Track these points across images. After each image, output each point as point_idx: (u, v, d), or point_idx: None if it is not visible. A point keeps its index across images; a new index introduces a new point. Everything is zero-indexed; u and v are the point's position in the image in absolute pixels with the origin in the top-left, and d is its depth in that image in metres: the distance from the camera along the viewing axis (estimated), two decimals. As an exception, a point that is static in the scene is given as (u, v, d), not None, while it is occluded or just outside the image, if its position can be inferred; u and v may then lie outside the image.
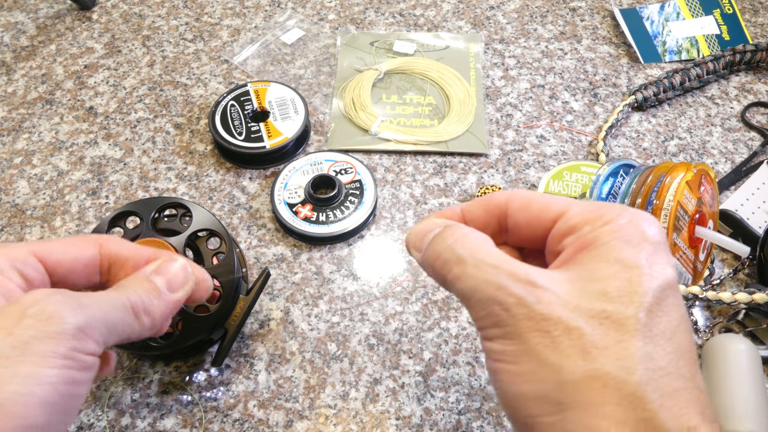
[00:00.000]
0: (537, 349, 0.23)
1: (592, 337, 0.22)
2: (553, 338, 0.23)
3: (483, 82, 0.67)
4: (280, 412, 0.45)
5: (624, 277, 0.23)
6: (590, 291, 0.23)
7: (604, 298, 0.23)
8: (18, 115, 0.65)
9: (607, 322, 0.23)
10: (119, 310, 0.27)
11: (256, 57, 0.70)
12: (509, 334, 0.24)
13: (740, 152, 0.61)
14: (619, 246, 0.24)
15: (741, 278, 0.52)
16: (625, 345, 0.22)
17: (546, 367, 0.23)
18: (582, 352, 0.22)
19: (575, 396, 0.22)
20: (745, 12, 0.75)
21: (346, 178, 0.57)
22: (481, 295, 0.25)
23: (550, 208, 0.27)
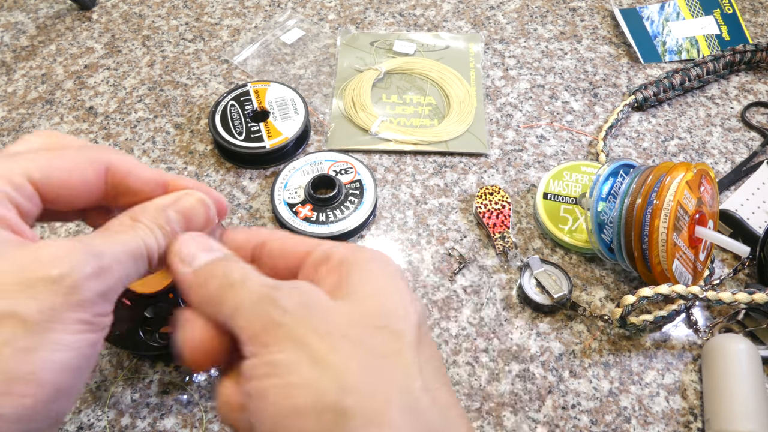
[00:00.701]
0: (317, 354, 0.21)
1: (371, 344, 0.22)
2: (333, 343, 0.21)
3: (483, 82, 0.67)
4: (280, 412, 0.45)
5: (392, 296, 0.24)
6: (367, 304, 0.23)
7: (381, 309, 0.23)
8: (18, 115, 0.65)
9: (386, 332, 0.22)
10: (136, 260, 0.25)
11: (256, 57, 0.70)
12: (282, 338, 0.22)
13: (740, 152, 0.61)
14: (377, 271, 0.24)
15: (741, 278, 0.52)
16: (404, 353, 0.22)
17: (328, 373, 0.21)
18: (362, 358, 0.21)
19: (360, 402, 0.21)
20: (745, 12, 0.75)
21: (346, 178, 0.57)
22: (252, 301, 0.23)
23: (304, 243, 0.26)
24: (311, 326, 0.22)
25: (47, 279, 0.21)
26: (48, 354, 0.21)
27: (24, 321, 0.21)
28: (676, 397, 0.46)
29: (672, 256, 0.46)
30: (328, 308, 0.23)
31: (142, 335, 0.43)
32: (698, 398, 0.46)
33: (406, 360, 0.22)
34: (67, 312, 0.22)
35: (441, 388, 0.23)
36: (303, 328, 0.22)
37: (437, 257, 0.54)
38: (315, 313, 0.22)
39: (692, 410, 0.46)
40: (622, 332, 0.49)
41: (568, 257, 0.54)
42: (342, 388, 0.21)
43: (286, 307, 0.22)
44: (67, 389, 0.22)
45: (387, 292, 0.24)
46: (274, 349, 0.22)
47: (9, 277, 0.21)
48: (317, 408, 0.20)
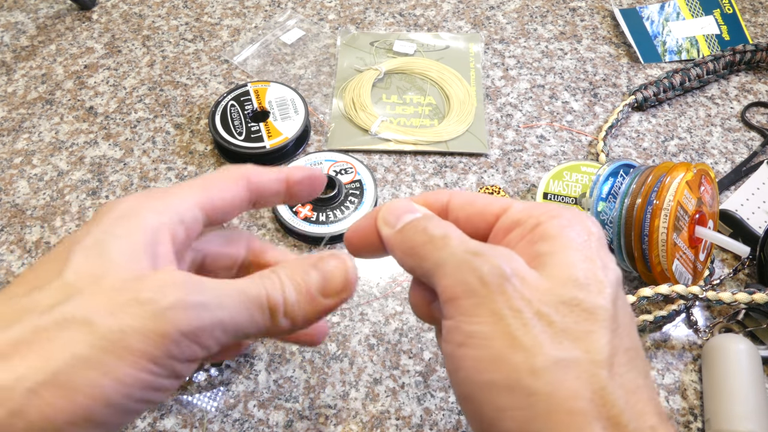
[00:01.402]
0: (510, 330, 0.21)
1: (562, 324, 0.21)
2: (526, 322, 0.21)
3: (483, 82, 0.67)
4: (280, 412, 0.45)
5: (586, 266, 0.22)
6: (559, 276, 0.22)
7: (574, 284, 0.22)
8: (18, 115, 0.65)
9: (578, 309, 0.22)
10: (250, 308, 0.23)
11: (256, 57, 0.70)
12: (479, 308, 0.22)
13: (740, 152, 0.61)
14: (572, 238, 0.23)
15: (741, 278, 0.52)
16: (595, 336, 0.21)
17: (519, 352, 0.21)
18: (553, 340, 0.21)
19: (547, 387, 0.21)
20: (745, 12, 0.75)
21: (346, 178, 0.57)
22: (455, 262, 0.23)
23: (493, 204, 0.26)
24: (508, 300, 0.22)
25: (134, 300, 0.20)
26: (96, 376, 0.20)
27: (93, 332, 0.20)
28: (676, 397, 0.46)
29: (672, 256, 0.46)
30: (525, 281, 0.22)
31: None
32: (698, 398, 0.46)
33: (596, 344, 0.21)
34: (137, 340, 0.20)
35: (630, 371, 0.22)
36: (500, 302, 0.22)
37: (437, 257, 0.53)
38: (512, 286, 0.22)
39: (692, 410, 0.46)
40: (622, 332, 0.49)
41: (568, 257, 0.54)
42: (532, 370, 0.21)
43: (485, 277, 0.22)
44: (97, 421, 0.20)
45: (582, 264, 0.23)
46: (471, 320, 0.22)
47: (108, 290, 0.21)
48: (509, 385, 0.21)
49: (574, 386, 0.21)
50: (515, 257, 0.23)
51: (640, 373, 0.22)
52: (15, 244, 0.55)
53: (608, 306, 0.22)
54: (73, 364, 0.19)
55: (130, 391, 0.20)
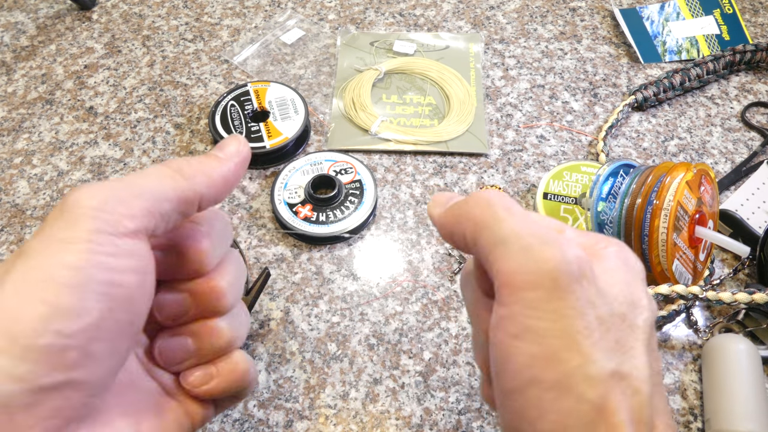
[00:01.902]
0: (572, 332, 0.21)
1: (616, 335, 0.21)
2: (587, 323, 0.21)
3: (483, 82, 0.67)
4: (280, 412, 0.45)
5: (632, 290, 0.23)
6: (611, 291, 0.22)
7: (624, 300, 0.22)
8: (18, 115, 0.65)
9: (625, 325, 0.22)
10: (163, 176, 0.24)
11: (256, 57, 0.70)
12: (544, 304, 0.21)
13: (740, 152, 0.61)
14: (621, 264, 0.24)
15: (741, 278, 0.52)
16: (638, 353, 0.22)
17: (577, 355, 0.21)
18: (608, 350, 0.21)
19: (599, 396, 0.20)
20: (745, 12, 0.75)
21: (346, 178, 0.57)
22: (521, 243, 0.22)
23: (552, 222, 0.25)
24: (577, 300, 0.21)
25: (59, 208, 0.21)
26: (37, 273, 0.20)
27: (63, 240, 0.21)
28: (676, 397, 0.46)
29: (672, 256, 0.46)
30: (591, 286, 0.22)
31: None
32: (698, 398, 0.46)
33: (640, 361, 0.22)
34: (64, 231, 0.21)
35: (657, 394, 0.23)
36: (568, 300, 0.21)
37: (437, 257, 0.54)
38: (581, 286, 0.21)
39: (692, 410, 0.46)
40: (622, 332, 0.49)
41: (568, 257, 0.54)
42: (587, 377, 0.20)
43: (555, 272, 0.21)
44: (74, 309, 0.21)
45: (629, 286, 0.23)
46: (532, 314, 0.21)
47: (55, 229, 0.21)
48: (560, 387, 0.21)
49: (620, 400, 0.21)
50: (584, 254, 0.22)
51: (662, 398, 0.23)
52: (15, 244, 0.55)
53: (647, 328, 0.23)
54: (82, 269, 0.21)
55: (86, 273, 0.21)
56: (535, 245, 0.21)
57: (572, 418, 0.20)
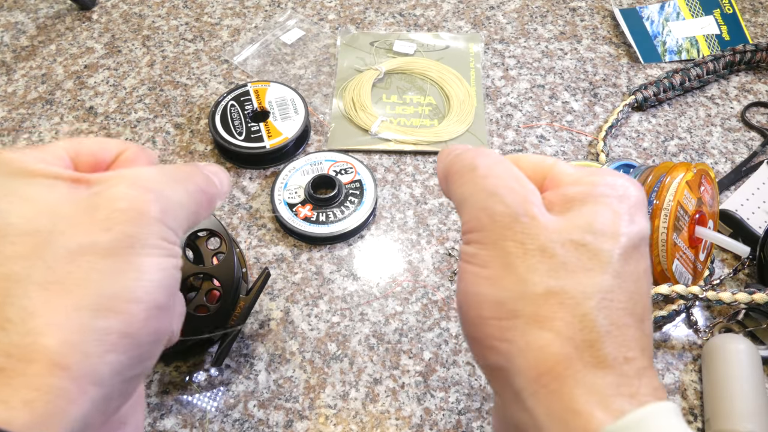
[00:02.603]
0: (509, 259, 0.24)
1: (563, 258, 0.23)
2: (526, 251, 0.24)
3: (483, 82, 0.67)
4: (280, 412, 0.45)
5: (609, 218, 0.24)
6: (576, 223, 0.24)
7: (587, 230, 0.24)
8: (18, 115, 0.65)
9: (583, 249, 0.24)
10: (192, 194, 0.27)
11: (256, 57, 0.70)
12: (486, 239, 0.25)
13: (740, 152, 0.61)
14: (606, 194, 0.25)
15: (741, 278, 0.52)
16: (592, 274, 0.23)
17: (512, 277, 0.24)
18: (549, 271, 0.23)
19: (531, 308, 0.23)
20: (745, 12, 0.75)
21: (346, 178, 0.57)
22: (474, 201, 0.26)
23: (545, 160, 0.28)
24: (513, 235, 0.24)
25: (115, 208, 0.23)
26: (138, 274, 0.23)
27: (104, 250, 0.22)
28: (676, 397, 0.46)
29: (672, 256, 0.46)
30: (535, 221, 0.24)
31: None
32: (698, 398, 0.46)
33: (591, 280, 0.23)
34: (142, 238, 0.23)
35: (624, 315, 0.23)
36: (506, 236, 0.24)
37: (437, 257, 0.54)
38: (520, 224, 0.24)
39: (692, 410, 0.46)
40: (622, 332, 0.49)
41: (568, 257, 0.54)
42: (522, 295, 0.23)
43: (495, 216, 0.25)
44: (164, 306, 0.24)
45: (605, 215, 0.24)
46: (478, 246, 0.25)
47: (80, 217, 0.23)
48: (496, 301, 0.24)
49: (555, 310, 0.23)
50: (531, 200, 0.25)
51: (633, 315, 0.24)
52: (15, 244, 0.55)
53: (616, 254, 0.24)
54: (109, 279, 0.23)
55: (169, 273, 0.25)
56: (483, 197, 0.26)
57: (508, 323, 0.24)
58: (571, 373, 0.22)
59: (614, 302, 0.23)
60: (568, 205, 0.25)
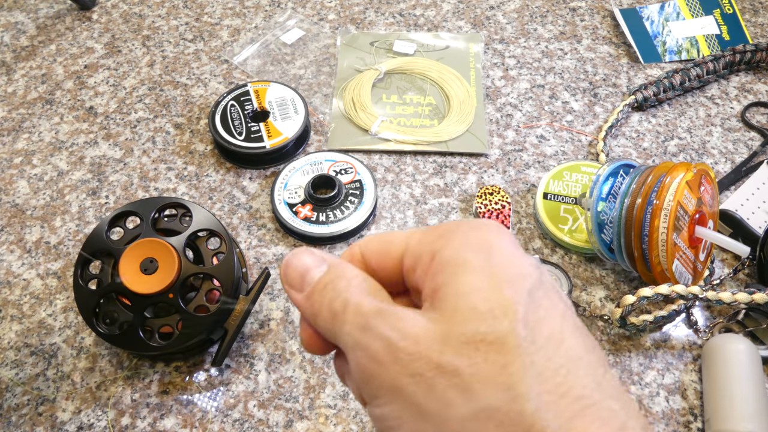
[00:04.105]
0: (414, 400, 0.19)
1: (470, 369, 0.19)
2: (428, 382, 0.19)
3: (483, 82, 0.67)
4: (280, 412, 0.45)
5: (485, 287, 0.20)
6: (457, 314, 0.20)
7: (473, 316, 0.19)
8: (18, 115, 0.65)
9: (483, 345, 0.19)
10: None
11: (256, 57, 0.70)
12: (383, 389, 0.20)
13: (740, 152, 0.61)
14: (468, 258, 0.21)
15: (741, 278, 0.52)
16: (510, 370, 0.18)
17: (429, 421, 0.19)
18: (463, 392, 0.19)
19: None
20: (745, 12, 0.75)
21: (346, 178, 0.57)
22: (352, 341, 0.21)
23: (394, 242, 0.23)
24: (404, 368, 0.19)
25: None
26: None
27: None
28: (676, 397, 0.46)
29: (672, 256, 0.46)
30: (418, 339, 0.20)
31: (142, 335, 0.43)
32: (698, 398, 0.46)
33: (514, 377, 0.18)
34: None
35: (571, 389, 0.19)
36: (396, 374, 0.19)
37: (437, 257, 0.53)
38: (404, 351, 0.20)
39: (692, 410, 0.46)
40: (622, 332, 0.49)
41: (568, 257, 0.54)
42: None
43: (376, 355, 0.20)
44: None
45: (479, 286, 0.20)
46: (379, 403, 0.20)
47: None
48: None
49: None
50: (402, 316, 0.20)
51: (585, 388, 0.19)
52: (15, 244, 0.55)
53: (518, 329, 0.19)
54: None
55: None
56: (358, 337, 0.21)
57: None
58: None
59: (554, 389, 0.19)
60: (435, 293, 0.21)
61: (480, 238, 0.21)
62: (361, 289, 0.22)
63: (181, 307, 0.43)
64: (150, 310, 0.44)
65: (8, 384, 0.47)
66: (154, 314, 0.45)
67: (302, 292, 0.23)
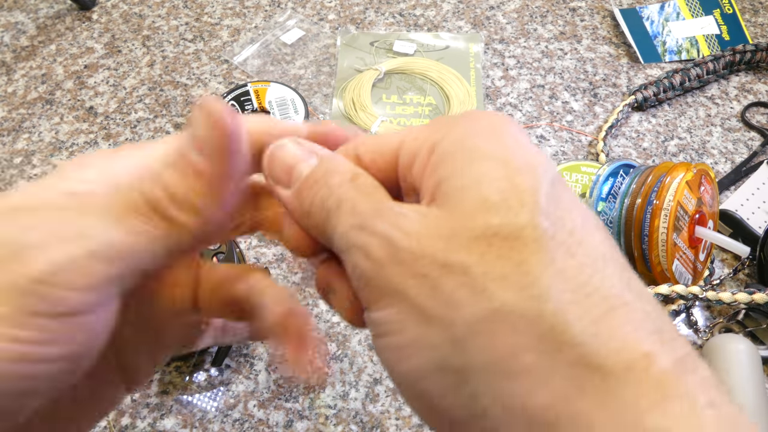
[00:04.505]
0: (418, 303, 0.17)
1: (481, 266, 0.16)
2: (434, 283, 0.17)
3: (483, 82, 0.67)
4: (280, 412, 0.45)
5: (497, 175, 0.17)
6: (464, 207, 0.17)
7: (483, 208, 0.17)
8: (18, 115, 0.65)
9: (497, 240, 0.16)
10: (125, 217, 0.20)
11: (256, 57, 0.70)
12: (383, 292, 0.18)
13: (740, 152, 0.61)
14: (475, 144, 0.18)
15: (741, 278, 0.52)
16: (527, 267, 0.16)
17: (434, 325, 0.17)
18: (473, 292, 0.16)
19: (479, 354, 0.16)
20: (745, 12, 0.75)
21: (346, 178, 0.57)
22: (346, 243, 0.18)
23: (391, 139, 0.20)
24: (407, 269, 0.17)
25: None
26: None
27: None
28: (676, 397, 0.46)
29: (672, 256, 0.46)
30: (420, 237, 0.17)
31: (142, 335, 0.43)
32: (698, 398, 0.46)
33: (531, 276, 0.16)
34: None
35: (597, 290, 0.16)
36: (398, 276, 0.17)
37: (437, 257, 0.53)
38: (406, 251, 0.17)
39: (692, 410, 0.46)
40: (622, 332, 0.49)
41: (568, 257, 0.54)
42: (454, 342, 0.16)
43: (373, 255, 0.18)
44: None
45: (490, 175, 0.17)
46: (378, 307, 0.18)
47: None
48: (434, 368, 0.17)
49: (511, 342, 0.16)
50: (403, 212, 0.18)
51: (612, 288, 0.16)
52: (15, 244, 0.55)
53: (539, 222, 0.16)
54: None
55: None
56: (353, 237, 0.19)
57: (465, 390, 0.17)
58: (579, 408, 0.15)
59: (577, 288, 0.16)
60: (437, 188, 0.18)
61: (487, 124, 0.19)
62: (356, 185, 0.19)
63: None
64: (150, 310, 0.44)
65: (8, 384, 0.47)
66: (154, 314, 0.45)
67: (290, 188, 0.21)
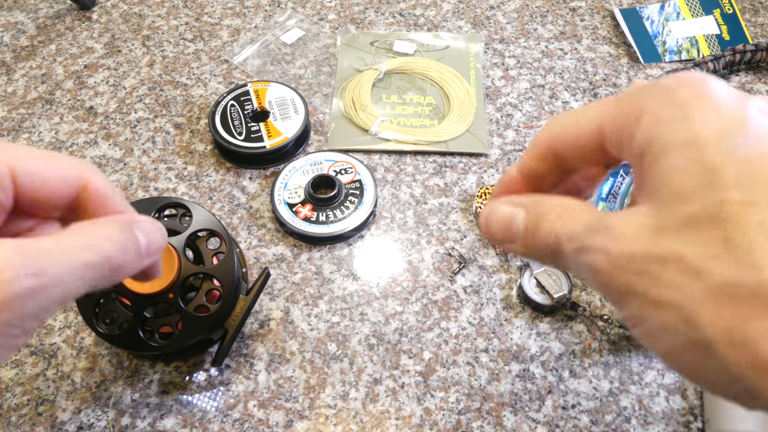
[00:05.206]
0: (647, 296, 0.19)
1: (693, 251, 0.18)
2: (655, 276, 0.18)
3: (483, 82, 0.67)
4: (280, 412, 0.45)
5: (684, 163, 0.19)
6: (663, 200, 0.19)
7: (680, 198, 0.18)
8: (18, 115, 0.65)
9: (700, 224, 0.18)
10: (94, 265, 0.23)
11: (256, 57, 0.70)
12: (617, 295, 0.20)
13: (740, 152, 0.61)
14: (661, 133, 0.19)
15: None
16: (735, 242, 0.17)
17: (666, 310, 0.18)
18: (693, 274, 0.18)
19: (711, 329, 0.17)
20: (745, 12, 0.75)
21: (346, 178, 0.57)
22: (575, 265, 0.22)
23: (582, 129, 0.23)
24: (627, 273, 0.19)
25: None
26: None
27: None
28: (676, 397, 0.46)
29: (672, 256, 0.46)
30: (630, 240, 0.19)
31: (142, 335, 0.43)
32: (698, 398, 0.46)
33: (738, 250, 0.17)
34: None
35: None
36: (623, 278, 0.19)
37: (437, 257, 0.54)
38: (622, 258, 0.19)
39: (692, 410, 0.46)
40: (622, 332, 0.49)
41: (568, 257, 0.54)
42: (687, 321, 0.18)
43: (600, 269, 0.20)
44: None
45: (677, 164, 0.19)
46: (619, 306, 0.20)
47: None
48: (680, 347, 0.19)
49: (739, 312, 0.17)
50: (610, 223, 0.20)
51: None
52: (15, 244, 0.55)
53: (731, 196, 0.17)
54: None
55: None
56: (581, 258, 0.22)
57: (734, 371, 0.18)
58: None
59: None
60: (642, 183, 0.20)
61: (672, 103, 0.20)
62: (564, 217, 0.22)
63: (181, 307, 0.43)
64: (150, 310, 0.44)
65: (8, 384, 0.47)
66: (154, 314, 0.45)
67: (514, 243, 0.24)
